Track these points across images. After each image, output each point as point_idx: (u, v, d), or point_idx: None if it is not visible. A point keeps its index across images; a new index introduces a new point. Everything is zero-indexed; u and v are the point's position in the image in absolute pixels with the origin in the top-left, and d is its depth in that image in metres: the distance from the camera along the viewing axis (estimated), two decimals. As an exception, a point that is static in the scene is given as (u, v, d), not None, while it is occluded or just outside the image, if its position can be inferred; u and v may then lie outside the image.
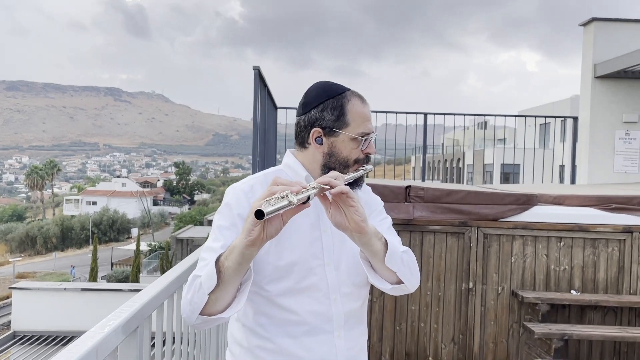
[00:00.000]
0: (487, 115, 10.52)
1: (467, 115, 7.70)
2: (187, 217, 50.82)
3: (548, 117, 8.01)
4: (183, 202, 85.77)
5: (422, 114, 7.20)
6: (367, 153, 1.51)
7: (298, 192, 1.18)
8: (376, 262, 1.40)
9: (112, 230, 58.14)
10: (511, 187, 5.33)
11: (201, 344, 2.38)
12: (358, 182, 1.49)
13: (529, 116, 8.47)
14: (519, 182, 11.08)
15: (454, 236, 3.87)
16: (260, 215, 1.12)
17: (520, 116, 8.35)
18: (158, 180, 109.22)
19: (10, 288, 10.42)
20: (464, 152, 27.13)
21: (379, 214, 1.60)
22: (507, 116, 7.70)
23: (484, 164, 26.65)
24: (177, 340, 2.10)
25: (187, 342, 2.16)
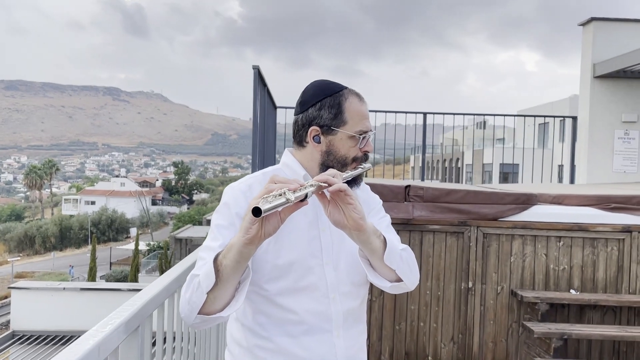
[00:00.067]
0: (486, 115, 10.52)
1: (467, 115, 7.70)
2: (186, 217, 50.78)
3: (547, 117, 8.01)
4: (182, 202, 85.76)
5: (422, 114, 7.19)
6: (365, 151, 1.50)
7: (296, 190, 1.18)
8: (375, 260, 1.40)
9: (111, 230, 58.11)
10: (510, 187, 5.33)
11: (201, 344, 2.38)
12: (356, 181, 1.48)
13: (528, 116, 8.46)
14: (518, 182, 11.08)
15: (454, 236, 3.88)
16: (257, 212, 1.12)
17: (519, 116, 8.34)
18: (157, 179, 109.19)
19: (9, 288, 10.40)
20: (463, 152, 27.15)
21: (378, 213, 1.59)
22: (506, 116, 7.70)
23: (483, 164, 26.68)
24: (178, 339, 2.10)
25: (188, 341, 2.16)
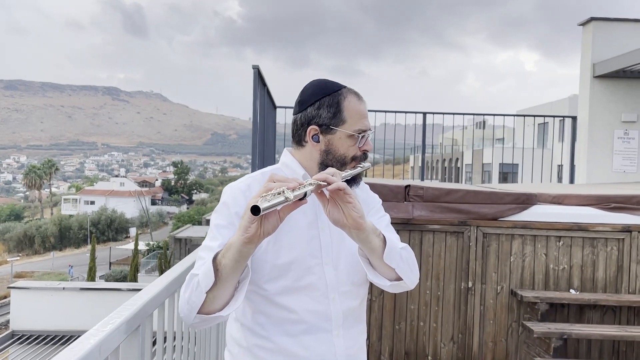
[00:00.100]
0: (486, 114, 10.51)
1: (466, 114, 7.70)
2: (186, 217, 50.78)
3: (547, 117, 8.01)
4: (181, 202, 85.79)
5: (421, 114, 7.19)
6: (365, 150, 1.50)
7: (295, 189, 1.17)
8: (375, 259, 1.39)
9: (110, 229, 58.09)
10: (510, 187, 5.33)
11: (201, 343, 2.38)
12: (356, 180, 1.48)
13: (528, 115, 8.45)
14: (518, 182, 11.08)
15: (453, 235, 3.88)
16: (256, 211, 1.11)
17: (519, 115, 8.33)
18: (156, 179, 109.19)
19: (8, 287, 10.39)
20: (463, 152, 27.14)
21: (377, 212, 1.58)
22: (506, 115, 7.69)
23: (483, 164, 26.69)
24: (178, 338, 2.10)
25: (188, 340, 2.16)
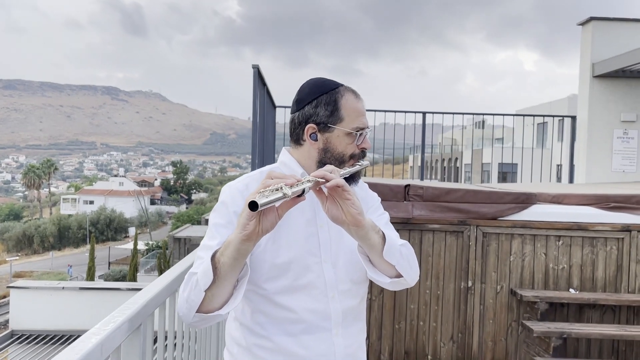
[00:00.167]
0: (485, 114, 10.52)
1: (465, 114, 7.70)
2: (185, 216, 50.71)
3: (546, 117, 8.02)
4: (180, 201, 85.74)
5: (421, 113, 7.19)
6: (363, 148, 1.49)
7: (293, 185, 1.17)
8: (374, 256, 1.39)
9: (110, 229, 58.04)
10: (510, 186, 5.34)
11: (201, 343, 2.38)
12: (354, 178, 1.47)
13: (528, 115, 8.46)
14: (517, 182, 11.09)
15: (453, 235, 3.88)
16: (254, 206, 1.10)
17: (518, 115, 8.33)
18: (155, 179, 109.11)
19: (8, 287, 10.39)
20: (462, 152, 27.15)
21: (376, 210, 1.58)
22: (505, 115, 7.69)
23: (482, 163, 26.70)
24: (179, 337, 2.10)
25: (189, 339, 2.16)
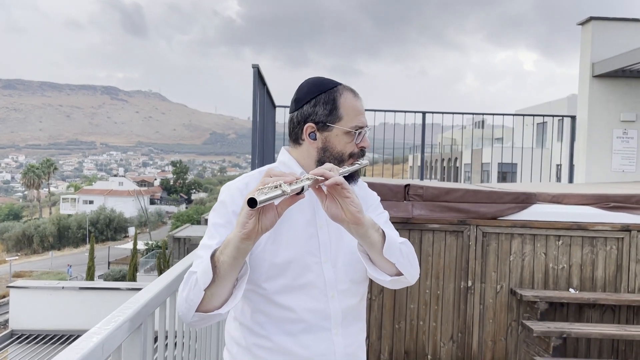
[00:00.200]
0: (485, 114, 10.52)
1: (465, 114, 7.70)
2: (184, 216, 50.70)
3: (546, 116, 8.01)
4: (180, 201, 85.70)
5: (421, 113, 7.19)
6: (362, 147, 1.49)
7: (292, 182, 1.17)
8: (374, 254, 1.39)
9: (109, 229, 58.03)
10: (509, 186, 5.34)
11: (201, 342, 2.38)
12: (354, 177, 1.47)
13: (527, 115, 8.45)
14: (517, 181, 11.10)
15: (453, 235, 3.88)
16: (253, 203, 1.09)
17: (518, 115, 8.33)
18: (155, 179, 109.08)
19: (7, 287, 10.39)
20: (462, 152, 27.15)
21: (376, 209, 1.58)
22: (505, 115, 7.69)
23: (482, 163, 26.70)
24: (179, 336, 2.10)
25: (189, 338, 2.16)
